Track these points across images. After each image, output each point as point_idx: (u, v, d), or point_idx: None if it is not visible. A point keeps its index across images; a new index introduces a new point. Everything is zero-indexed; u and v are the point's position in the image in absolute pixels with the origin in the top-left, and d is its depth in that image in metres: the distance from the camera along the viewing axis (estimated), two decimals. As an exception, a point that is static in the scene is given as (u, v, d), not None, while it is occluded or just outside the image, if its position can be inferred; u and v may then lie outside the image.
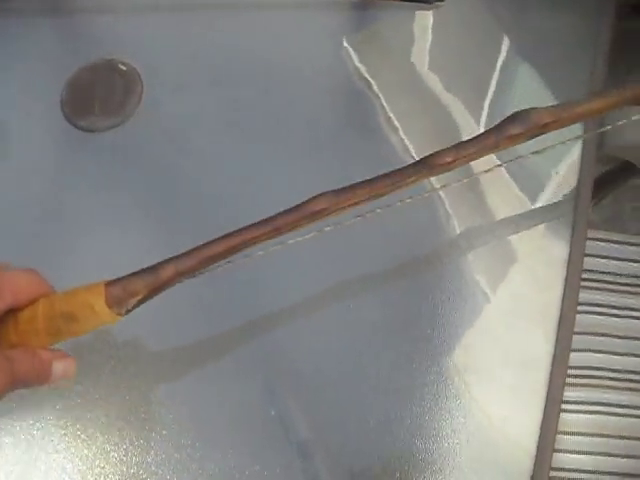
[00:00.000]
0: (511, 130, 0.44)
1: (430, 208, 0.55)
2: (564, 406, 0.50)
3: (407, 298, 0.52)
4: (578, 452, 0.69)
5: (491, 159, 0.50)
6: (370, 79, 0.62)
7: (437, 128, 0.60)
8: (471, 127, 0.59)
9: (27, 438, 0.47)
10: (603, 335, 0.74)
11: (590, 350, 0.72)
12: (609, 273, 0.77)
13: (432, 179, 0.53)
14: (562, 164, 0.57)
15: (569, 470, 0.68)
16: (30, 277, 0.38)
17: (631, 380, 0.72)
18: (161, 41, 0.65)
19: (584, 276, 0.55)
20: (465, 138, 0.45)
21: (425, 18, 0.66)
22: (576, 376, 0.70)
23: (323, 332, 0.51)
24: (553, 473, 0.62)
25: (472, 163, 0.45)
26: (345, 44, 0.64)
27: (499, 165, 0.51)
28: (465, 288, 0.52)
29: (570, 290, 0.51)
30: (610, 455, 0.69)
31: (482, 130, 0.46)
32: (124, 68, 0.62)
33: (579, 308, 0.54)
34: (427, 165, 0.44)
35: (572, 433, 0.69)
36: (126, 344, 0.51)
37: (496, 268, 0.53)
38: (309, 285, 0.52)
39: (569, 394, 0.68)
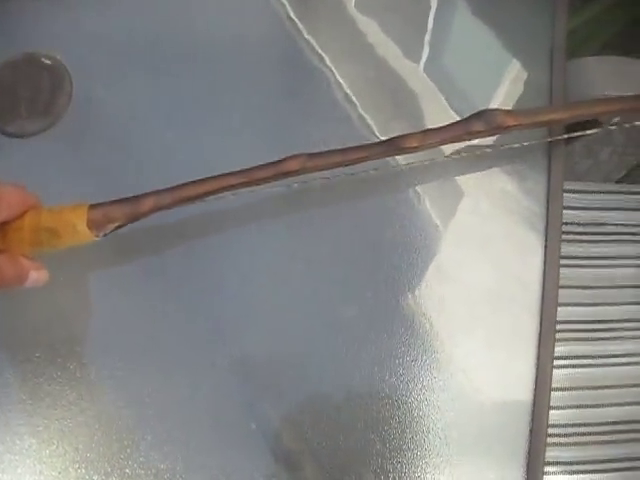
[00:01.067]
0: (476, 126, 0.48)
1: (398, 187, 0.52)
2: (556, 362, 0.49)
3: (384, 290, 0.48)
4: (565, 407, 0.68)
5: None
6: (311, 40, 0.58)
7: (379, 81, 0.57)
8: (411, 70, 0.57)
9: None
10: (581, 288, 0.72)
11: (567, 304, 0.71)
12: (587, 224, 0.75)
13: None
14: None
15: (559, 426, 0.67)
16: (21, 192, 0.42)
17: (604, 330, 0.71)
18: (87, 28, 0.58)
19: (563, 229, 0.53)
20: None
21: None
22: (565, 330, 0.69)
23: (298, 333, 0.48)
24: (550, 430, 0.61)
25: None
26: (289, 10, 0.59)
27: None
28: (441, 272, 0.49)
29: (551, 250, 0.49)
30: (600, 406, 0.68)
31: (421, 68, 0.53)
32: (49, 62, 0.56)
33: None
34: (394, 146, 0.47)
35: (557, 389, 0.68)
36: (90, 362, 0.47)
37: (473, 246, 0.50)
38: (277, 284, 0.49)
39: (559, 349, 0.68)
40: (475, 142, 0.50)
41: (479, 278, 0.49)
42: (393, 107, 0.55)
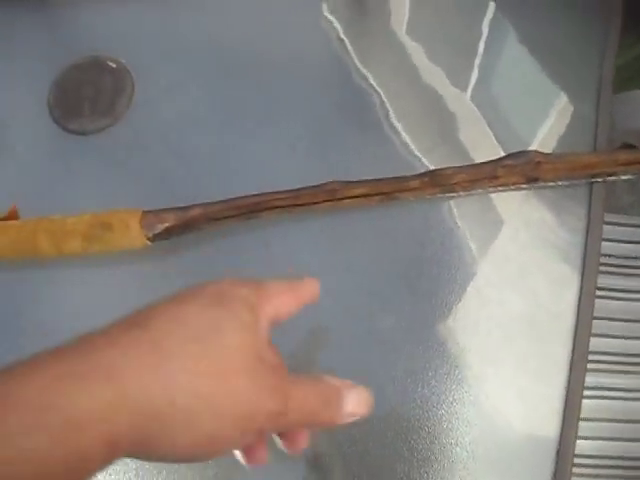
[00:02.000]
0: (508, 161, 0.49)
1: (441, 207, 0.53)
2: (585, 392, 0.49)
3: (421, 303, 0.50)
4: (592, 438, 0.68)
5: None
6: (361, 66, 0.60)
7: (425, 106, 0.58)
8: (457, 96, 0.58)
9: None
10: (614, 320, 0.72)
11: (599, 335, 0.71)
12: (625, 257, 0.75)
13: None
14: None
15: (585, 457, 0.68)
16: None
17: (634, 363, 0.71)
18: (151, 35, 0.62)
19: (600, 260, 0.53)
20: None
21: None
22: (596, 362, 0.69)
23: (334, 341, 0.49)
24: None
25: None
26: (335, 26, 0.62)
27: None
28: (478, 293, 0.50)
29: (587, 281, 0.50)
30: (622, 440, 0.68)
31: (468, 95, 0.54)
32: (113, 65, 0.59)
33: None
34: (433, 180, 0.49)
35: (584, 419, 0.68)
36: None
37: (511, 272, 0.51)
38: (322, 292, 0.50)
39: (590, 379, 0.68)
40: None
41: (515, 303, 0.50)
42: (437, 132, 0.56)
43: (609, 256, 0.73)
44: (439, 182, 0.48)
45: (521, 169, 0.48)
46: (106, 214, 0.47)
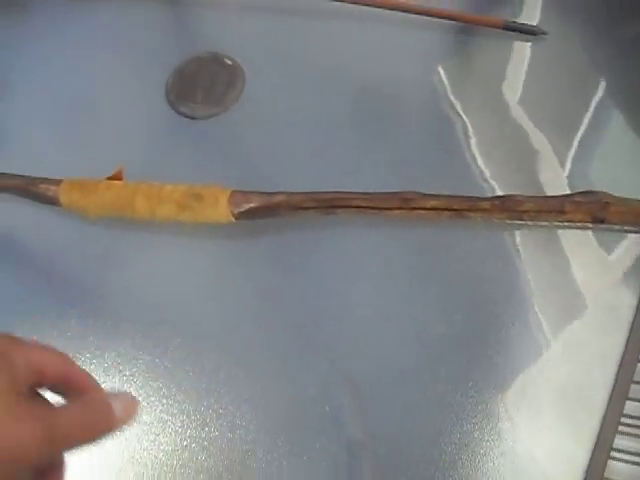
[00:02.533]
0: (577, 198, 0.51)
1: (501, 238, 0.56)
2: (612, 453, 0.50)
3: (474, 318, 0.52)
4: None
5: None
6: (457, 101, 0.63)
7: (516, 159, 0.60)
8: (552, 167, 0.59)
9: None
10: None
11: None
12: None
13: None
14: None
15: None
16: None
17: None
18: (267, 42, 0.68)
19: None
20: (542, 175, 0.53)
21: (523, 49, 0.66)
22: (629, 425, 0.68)
23: (386, 339, 0.52)
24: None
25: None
26: (439, 65, 0.66)
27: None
28: (530, 319, 0.52)
29: (635, 336, 0.51)
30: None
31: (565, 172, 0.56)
32: (229, 62, 0.65)
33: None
34: (503, 204, 0.51)
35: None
36: (197, 321, 0.54)
37: (562, 306, 0.52)
38: (377, 291, 0.54)
39: (619, 442, 0.67)
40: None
41: (561, 342, 0.51)
42: (515, 166, 0.59)
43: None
44: (508, 207, 0.50)
45: (588, 207, 0.50)
46: (200, 187, 0.53)
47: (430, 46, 0.67)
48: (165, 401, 0.50)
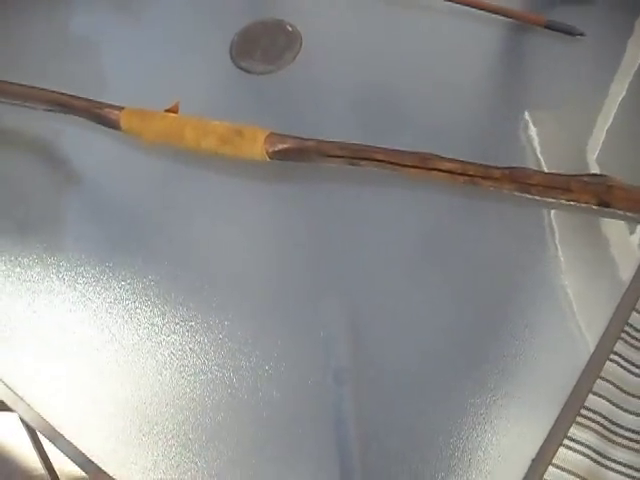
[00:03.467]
0: (584, 178, 0.53)
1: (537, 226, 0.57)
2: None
3: (500, 315, 0.53)
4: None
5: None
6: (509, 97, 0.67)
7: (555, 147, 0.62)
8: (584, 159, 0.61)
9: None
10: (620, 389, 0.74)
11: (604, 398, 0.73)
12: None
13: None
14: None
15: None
16: None
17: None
18: (329, 16, 0.75)
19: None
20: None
21: (560, 48, 0.68)
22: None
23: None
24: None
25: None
26: (495, 60, 0.70)
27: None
28: (550, 306, 0.53)
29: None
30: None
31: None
32: (290, 29, 0.72)
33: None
34: (512, 175, 0.54)
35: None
36: (220, 253, 0.60)
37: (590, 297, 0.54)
38: (390, 254, 0.57)
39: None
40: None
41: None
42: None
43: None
44: (517, 178, 0.53)
45: (594, 188, 0.52)
46: (242, 125, 0.59)
47: (476, 37, 0.71)
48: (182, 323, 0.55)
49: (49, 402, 0.53)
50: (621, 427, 0.73)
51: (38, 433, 0.85)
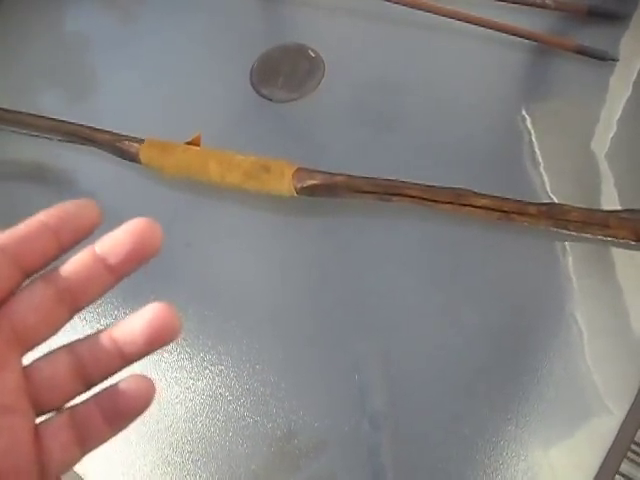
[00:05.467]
0: (623, 214, 0.53)
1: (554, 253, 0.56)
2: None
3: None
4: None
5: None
6: (529, 118, 0.65)
7: (580, 178, 0.61)
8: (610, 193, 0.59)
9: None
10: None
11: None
12: None
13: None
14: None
15: None
16: None
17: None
18: (351, 42, 0.73)
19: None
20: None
21: (591, 73, 0.67)
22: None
23: (422, 325, 0.54)
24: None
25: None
26: (513, 82, 0.69)
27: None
28: (563, 330, 0.53)
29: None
30: None
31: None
32: (313, 55, 0.70)
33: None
34: (550, 212, 0.53)
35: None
36: (246, 283, 0.58)
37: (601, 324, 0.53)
38: (418, 280, 0.56)
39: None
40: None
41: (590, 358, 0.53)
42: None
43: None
44: (554, 215, 0.53)
45: (633, 225, 0.52)
46: (268, 160, 0.57)
47: (505, 61, 0.70)
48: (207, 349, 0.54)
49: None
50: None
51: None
